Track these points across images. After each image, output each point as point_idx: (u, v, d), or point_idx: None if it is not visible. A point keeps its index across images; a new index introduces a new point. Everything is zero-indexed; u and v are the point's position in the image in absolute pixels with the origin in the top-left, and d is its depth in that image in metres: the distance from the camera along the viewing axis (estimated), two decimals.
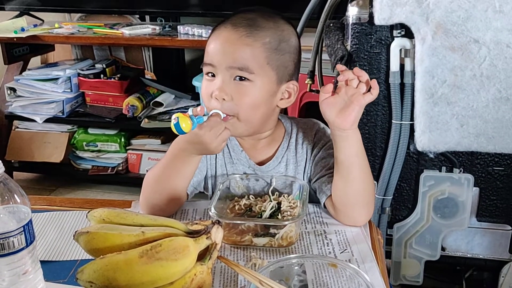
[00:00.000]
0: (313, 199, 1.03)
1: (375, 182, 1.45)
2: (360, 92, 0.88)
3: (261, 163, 1.05)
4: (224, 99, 0.93)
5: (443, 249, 1.54)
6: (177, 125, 0.82)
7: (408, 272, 1.57)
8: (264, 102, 0.96)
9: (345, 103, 0.89)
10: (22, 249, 0.68)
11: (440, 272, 1.70)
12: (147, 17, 2.79)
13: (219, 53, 0.93)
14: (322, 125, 1.07)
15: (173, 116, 0.83)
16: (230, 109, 0.93)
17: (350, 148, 0.92)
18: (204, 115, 0.88)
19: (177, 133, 0.84)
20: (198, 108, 0.88)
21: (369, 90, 0.89)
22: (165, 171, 0.95)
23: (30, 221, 0.69)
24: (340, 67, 0.90)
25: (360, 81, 0.88)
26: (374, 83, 0.89)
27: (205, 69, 0.97)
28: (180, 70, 2.90)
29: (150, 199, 0.97)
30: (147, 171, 1.02)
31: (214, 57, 0.94)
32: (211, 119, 0.88)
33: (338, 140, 0.92)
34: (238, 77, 0.93)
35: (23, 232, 0.68)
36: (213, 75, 0.95)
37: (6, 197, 0.68)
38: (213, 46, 0.95)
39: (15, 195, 0.69)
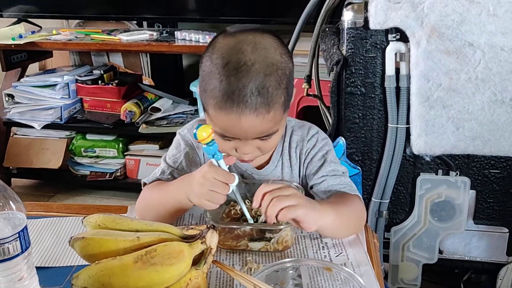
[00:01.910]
0: None
1: (371, 185, 1.46)
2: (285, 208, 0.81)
3: (259, 167, 1.05)
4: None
5: (440, 252, 1.54)
6: (195, 134, 0.82)
7: (406, 275, 1.57)
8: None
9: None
10: (18, 255, 0.68)
11: (438, 275, 1.70)
12: (145, 23, 2.79)
13: (243, 133, 0.89)
14: (316, 129, 1.06)
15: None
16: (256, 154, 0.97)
17: (325, 230, 0.91)
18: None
19: (195, 139, 0.82)
20: (230, 158, 0.89)
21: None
22: (157, 206, 0.94)
23: (26, 227, 0.70)
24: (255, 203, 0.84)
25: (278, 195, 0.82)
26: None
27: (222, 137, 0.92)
28: (177, 76, 2.91)
29: (145, 217, 0.96)
30: (144, 184, 1.01)
31: (237, 134, 0.90)
32: (223, 171, 0.85)
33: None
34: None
35: (18, 238, 0.68)
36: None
37: (1, 204, 0.68)
38: (232, 128, 0.88)
39: (10, 202, 0.69)
